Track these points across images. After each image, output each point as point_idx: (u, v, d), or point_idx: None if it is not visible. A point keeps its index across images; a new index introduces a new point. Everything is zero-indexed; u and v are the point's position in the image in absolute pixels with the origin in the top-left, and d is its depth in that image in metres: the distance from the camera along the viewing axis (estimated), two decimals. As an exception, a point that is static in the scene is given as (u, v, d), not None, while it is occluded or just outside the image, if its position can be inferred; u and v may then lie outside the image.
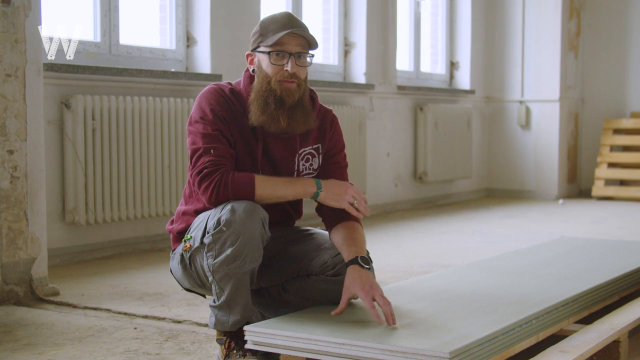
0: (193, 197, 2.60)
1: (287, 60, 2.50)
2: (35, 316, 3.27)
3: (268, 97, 2.51)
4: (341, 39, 6.69)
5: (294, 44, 2.50)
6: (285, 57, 2.50)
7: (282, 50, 2.50)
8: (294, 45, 2.50)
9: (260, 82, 2.53)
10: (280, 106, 2.50)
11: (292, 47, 2.50)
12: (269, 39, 2.50)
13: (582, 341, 2.45)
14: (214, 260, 2.39)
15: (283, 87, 2.51)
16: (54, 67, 4.29)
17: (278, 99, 2.50)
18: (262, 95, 2.51)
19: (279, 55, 2.50)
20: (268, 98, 2.51)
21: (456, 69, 8.20)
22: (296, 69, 2.51)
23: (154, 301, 3.54)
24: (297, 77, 2.51)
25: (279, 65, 2.50)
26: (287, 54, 2.50)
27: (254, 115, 2.52)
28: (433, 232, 5.85)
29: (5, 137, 3.49)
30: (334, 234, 2.59)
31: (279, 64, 2.50)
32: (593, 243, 4.12)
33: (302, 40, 2.51)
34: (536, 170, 8.30)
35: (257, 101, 2.52)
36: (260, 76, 2.54)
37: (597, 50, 8.60)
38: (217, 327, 2.48)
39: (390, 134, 7.10)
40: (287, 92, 2.51)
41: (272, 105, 2.50)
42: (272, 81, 2.51)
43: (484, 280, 3.07)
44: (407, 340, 2.19)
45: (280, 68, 2.50)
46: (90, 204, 4.46)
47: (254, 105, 2.52)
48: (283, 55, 2.50)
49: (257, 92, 2.52)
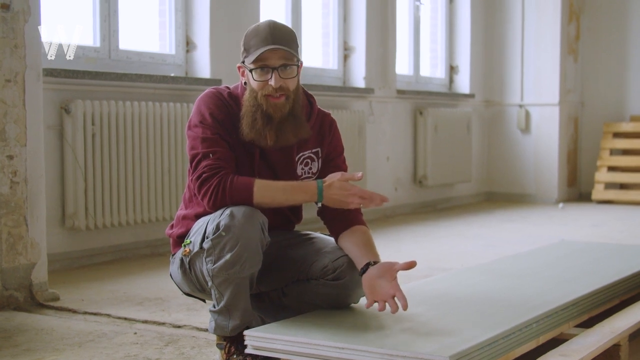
0: (193, 201, 2.60)
1: (271, 74, 2.48)
2: (35, 321, 3.26)
3: (256, 113, 2.50)
4: (341, 43, 6.69)
5: (276, 57, 2.47)
6: (269, 72, 2.48)
7: (265, 65, 2.47)
8: (276, 59, 2.47)
9: (248, 96, 2.53)
10: (267, 122, 2.50)
11: (274, 61, 2.47)
12: (251, 55, 2.48)
13: (582, 345, 2.44)
14: (214, 265, 2.39)
15: (269, 103, 2.49)
16: (54, 72, 4.29)
17: (265, 115, 2.49)
18: (250, 110, 2.50)
19: (263, 70, 2.48)
20: (256, 114, 2.50)
21: (456, 73, 8.20)
22: (281, 81, 2.48)
23: (154, 306, 3.53)
24: (284, 89, 2.49)
25: (264, 81, 2.49)
26: (270, 69, 2.47)
27: (243, 131, 2.52)
28: (433, 236, 5.84)
29: (5, 143, 3.49)
30: (343, 240, 2.57)
31: (263, 80, 2.49)
32: (593, 247, 4.12)
33: (284, 52, 2.48)
34: (536, 174, 8.30)
35: (246, 117, 2.51)
36: (249, 90, 2.53)
37: (596, 53, 8.60)
38: (217, 332, 2.48)
39: (390, 138, 7.10)
40: (274, 108, 2.49)
41: (259, 121, 2.49)
42: (259, 96, 2.50)
43: (484, 283, 3.07)
44: (408, 344, 2.18)
45: (265, 83, 2.49)
46: (90, 209, 4.46)
47: (244, 121, 2.51)
48: (267, 71, 2.48)
49: (246, 107, 2.52)
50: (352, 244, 2.53)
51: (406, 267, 2.38)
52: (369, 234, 2.59)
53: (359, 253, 2.50)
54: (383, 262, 2.45)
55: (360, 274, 2.46)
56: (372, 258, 2.48)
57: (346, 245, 2.56)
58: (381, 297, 2.39)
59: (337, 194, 2.48)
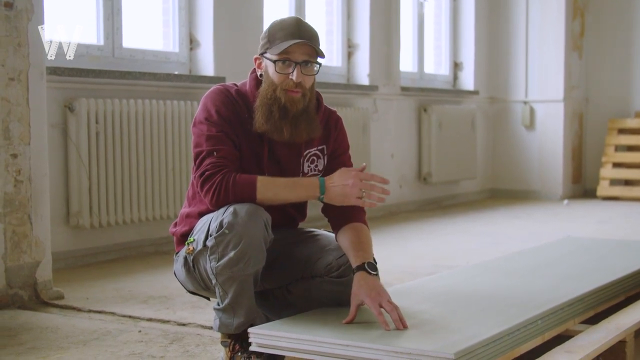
0: (197, 199, 2.60)
1: (293, 69, 2.47)
2: (40, 320, 3.27)
3: (272, 106, 2.49)
4: (344, 41, 6.68)
5: (300, 52, 2.47)
6: (291, 65, 2.47)
7: (288, 59, 2.47)
8: (300, 53, 2.47)
9: (266, 88, 2.51)
10: (284, 116, 2.48)
11: (298, 55, 2.47)
12: (275, 46, 2.47)
13: (588, 341, 2.44)
14: (217, 263, 2.38)
15: (288, 97, 2.48)
16: (57, 71, 4.29)
17: (282, 108, 2.48)
18: (267, 102, 2.49)
19: (285, 63, 2.47)
20: (272, 106, 2.49)
21: (460, 70, 8.19)
22: (302, 77, 2.48)
23: (158, 304, 3.53)
24: (302, 86, 2.49)
25: (285, 74, 2.48)
26: (293, 63, 2.47)
27: (257, 122, 2.50)
28: (438, 233, 5.84)
29: (9, 141, 3.49)
30: (340, 236, 2.57)
31: (285, 73, 2.48)
32: (598, 243, 4.11)
33: (309, 48, 2.48)
34: (541, 170, 8.28)
35: (262, 108, 2.50)
36: (267, 82, 2.52)
37: (601, 50, 8.58)
38: (221, 329, 2.47)
39: (395, 135, 7.09)
40: (292, 102, 2.48)
41: (276, 114, 2.48)
42: (278, 89, 2.48)
43: (489, 280, 3.06)
44: (413, 341, 2.18)
45: (285, 77, 2.48)
46: (94, 207, 4.46)
47: (259, 112, 2.50)
48: (289, 64, 2.47)
49: (262, 99, 2.50)
50: (346, 241, 2.53)
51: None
52: (366, 232, 2.57)
53: (351, 253, 2.49)
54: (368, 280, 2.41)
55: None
56: (362, 258, 2.46)
57: (340, 241, 2.55)
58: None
59: (337, 181, 2.45)
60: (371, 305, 2.35)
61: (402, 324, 2.31)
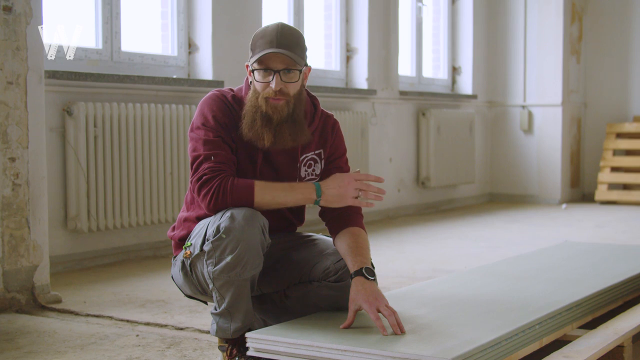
0: (195, 203, 2.60)
1: (272, 77, 2.48)
2: (37, 324, 3.26)
3: (255, 114, 2.50)
4: (343, 45, 6.69)
5: (278, 61, 2.46)
6: (271, 74, 2.48)
7: (267, 68, 2.47)
8: (277, 62, 2.47)
9: (250, 96, 2.53)
10: (266, 124, 2.49)
11: (277, 64, 2.47)
12: (255, 55, 2.48)
13: (585, 346, 2.44)
14: (214, 268, 2.38)
15: (269, 105, 2.49)
16: (56, 75, 4.29)
17: (264, 116, 2.49)
18: (251, 111, 2.50)
19: (266, 71, 2.48)
20: (255, 114, 2.50)
21: (458, 74, 8.19)
22: (282, 85, 2.48)
23: (156, 308, 3.53)
24: (284, 93, 2.48)
25: (265, 82, 2.49)
26: (272, 71, 2.47)
27: (243, 130, 2.52)
28: (436, 237, 5.84)
29: (7, 145, 3.49)
30: (338, 241, 2.57)
31: (265, 81, 2.48)
32: (596, 247, 4.11)
33: (285, 57, 2.47)
34: (539, 174, 8.29)
35: (247, 116, 2.51)
36: (252, 90, 2.53)
37: (599, 54, 8.60)
38: (218, 334, 2.47)
39: (393, 139, 7.10)
40: (274, 109, 2.49)
41: (258, 122, 2.49)
42: (260, 97, 2.50)
43: (487, 285, 3.06)
44: (410, 346, 2.18)
45: (266, 85, 2.49)
46: (92, 211, 4.46)
47: (244, 121, 2.51)
48: (269, 72, 2.48)
49: (247, 107, 2.52)
50: (344, 246, 2.53)
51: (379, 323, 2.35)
52: (363, 236, 2.57)
53: (348, 258, 2.50)
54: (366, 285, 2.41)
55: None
56: (360, 263, 2.46)
57: (338, 245, 2.56)
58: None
59: (333, 184, 2.49)
60: (369, 310, 2.35)
61: (399, 329, 2.31)
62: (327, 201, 2.50)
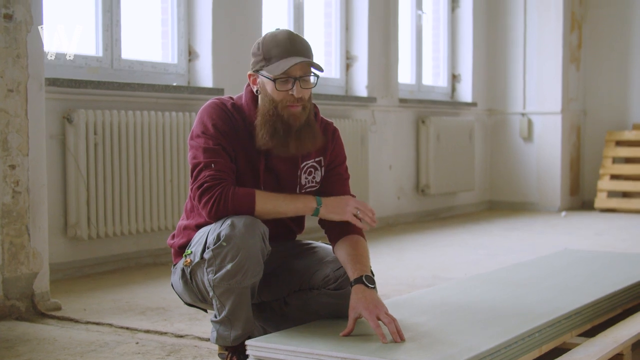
0: (194, 211, 2.60)
1: (293, 85, 2.47)
2: (37, 331, 3.26)
3: (276, 123, 2.49)
4: (343, 53, 6.69)
5: (297, 68, 2.47)
6: (290, 82, 2.47)
7: (288, 76, 2.48)
8: (298, 69, 2.47)
9: (266, 106, 2.51)
10: (288, 131, 2.49)
11: (297, 71, 2.47)
12: (272, 65, 2.47)
13: (585, 354, 2.44)
14: (215, 276, 2.38)
15: (289, 112, 2.49)
16: (56, 82, 4.29)
17: (285, 124, 2.49)
18: (270, 120, 2.49)
19: (285, 80, 2.48)
20: (276, 123, 2.49)
21: (458, 82, 8.20)
22: (302, 92, 2.49)
23: (156, 316, 3.53)
24: (302, 99, 2.50)
25: (285, 91, 2.48)
26: (292, 79, 2.47)
27: (262, 140, 2.50)
28: (436, 245, 5.83)
29: (7, 152, 3.49)
30: (337, 248, 2.58)
31: (285, 90, 2.48)
32: (596, 255, 4.11)
33: (307, 64, 2.48)
34: (539, 182, 8.29)
35: (265, 126, 2.49)
36: (266, 100, 2.51)
37: (598, 62, 8.61)
38: (218, 342, 2.48)
39: (393, 147, 7.10)
40: (294, 117, 2.49)
41: (280, 130, 2.49)
42: (279, 106, 2.48)
43: (486, 293, 3.06)
44: (410, 354, 2.18)
45: (285, 93, 2.48)
46: (92, 219, 4.46)
47: (263, 130, 2.49)
48: (288, 81, 2.48)
49: (264, 117, 2.50)
50: (343, 253, 2.53)
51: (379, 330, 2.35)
52: (363, 244, 2.58)
53: (348, 266, 2.50)
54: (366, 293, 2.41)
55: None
56: (359, 271, 2.46)
57: (338, 253, 2.56)
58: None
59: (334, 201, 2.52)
60: (369, 318, 2.35)
61: (399, 337, 2.31)
62: (327, 211, 2.51)
